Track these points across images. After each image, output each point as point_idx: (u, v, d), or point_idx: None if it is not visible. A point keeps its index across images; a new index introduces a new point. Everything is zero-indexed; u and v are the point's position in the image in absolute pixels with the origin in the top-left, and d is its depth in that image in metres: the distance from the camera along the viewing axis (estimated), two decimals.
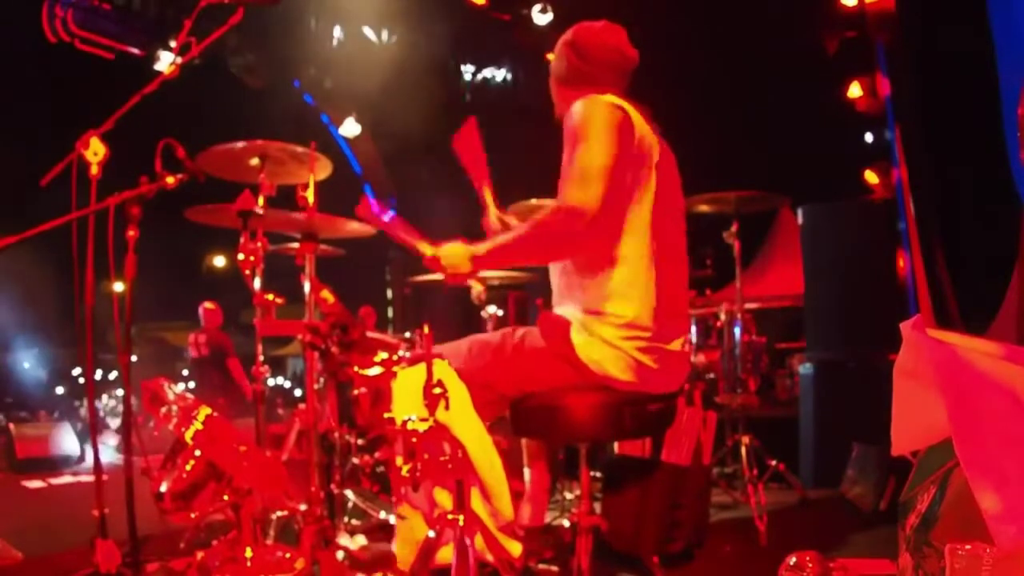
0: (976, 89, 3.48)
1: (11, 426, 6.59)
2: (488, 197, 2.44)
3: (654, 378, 1.99)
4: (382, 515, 3.09)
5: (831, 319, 4.33)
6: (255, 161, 2.79)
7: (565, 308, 2.06)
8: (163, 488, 2.23)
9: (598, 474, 3.21)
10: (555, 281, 2.16)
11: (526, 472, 2.38)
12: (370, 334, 3.17)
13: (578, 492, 2.90)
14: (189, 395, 2.45)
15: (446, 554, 1.87)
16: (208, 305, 7.51)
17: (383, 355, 2.66)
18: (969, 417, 1.25)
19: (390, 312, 10.27)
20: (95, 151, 2.38)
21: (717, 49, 6.57)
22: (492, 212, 2.43)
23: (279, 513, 2.80)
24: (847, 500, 3.52)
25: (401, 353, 2.75)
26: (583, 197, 1.88)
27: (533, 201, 3.21)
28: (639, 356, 1.95)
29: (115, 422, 10.05)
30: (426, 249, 2.15)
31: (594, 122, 1.93)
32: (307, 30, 8.12)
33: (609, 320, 1.95)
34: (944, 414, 1.28)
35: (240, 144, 2.72)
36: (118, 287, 2.32)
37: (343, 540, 2.75)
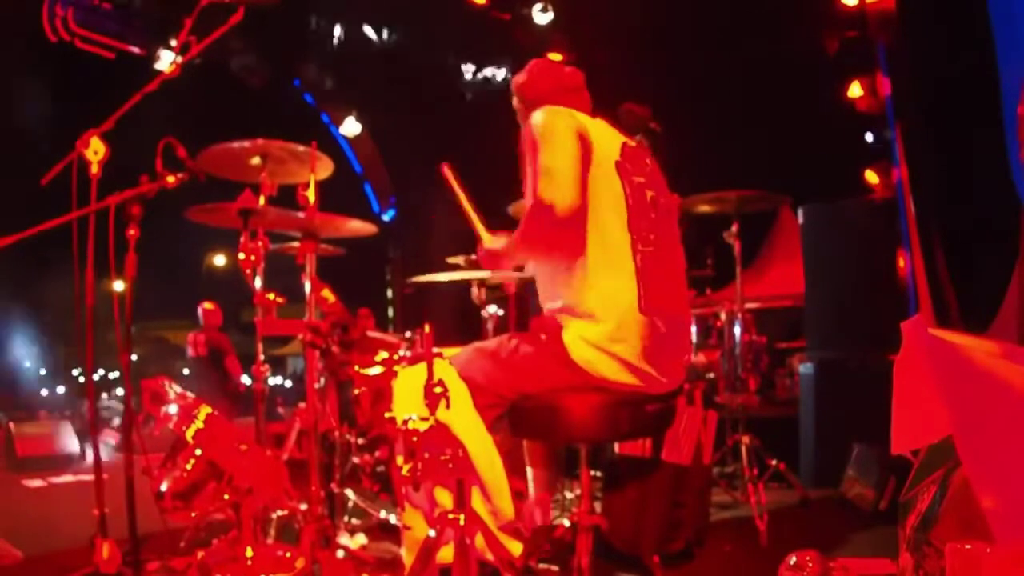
0: (976, 88, 3.48)
1: (11, 425, 6.60)
2: (479, 229, 2.43)
3: (649, 379, 1.99)
4: (382, 514, 3.09)
5: (831, 319, 4.33)
6: (256, 160, 2.79)
7: (557, 311, 2.06)
8: (163, 487, 2.23)
9: (599, 473, 3.21)
10: (540, 285, 2.17)
11: (529, 472, 2.38)
12: (371, 333, 3.17)
13: (578, 491, 2.90)
14: (189, 394, 2.45)
15: (447, 553, 1.88)
16: (207, 305, 7.50)
17: (384, 355, 2.66)
18: (970, 416, 1.25)
19: (390, 312, 10.27)
20: (95, 150, 2.38)
21: (718, 49, 6.57)
22: (485, 238, 2.40)
23: (279, 512, 2.79)
24: (847, 500, 3.52)
25: (402, 353, 2.75)
26: (552, 193, 1.93)
27: None
28: (629, 358, 1.95)
29: (116, 421, 10.05)
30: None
31: (554, 127, 2.01)
32: (307, 30, 8.13)
33: (595, 323, 1.96)
34: (944, 413, 1.28)
35: (241, 143, 2.72)
36: (118, 286, 2.32)
37: (343, 539, 2.75)
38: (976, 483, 1.21)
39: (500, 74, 8.58)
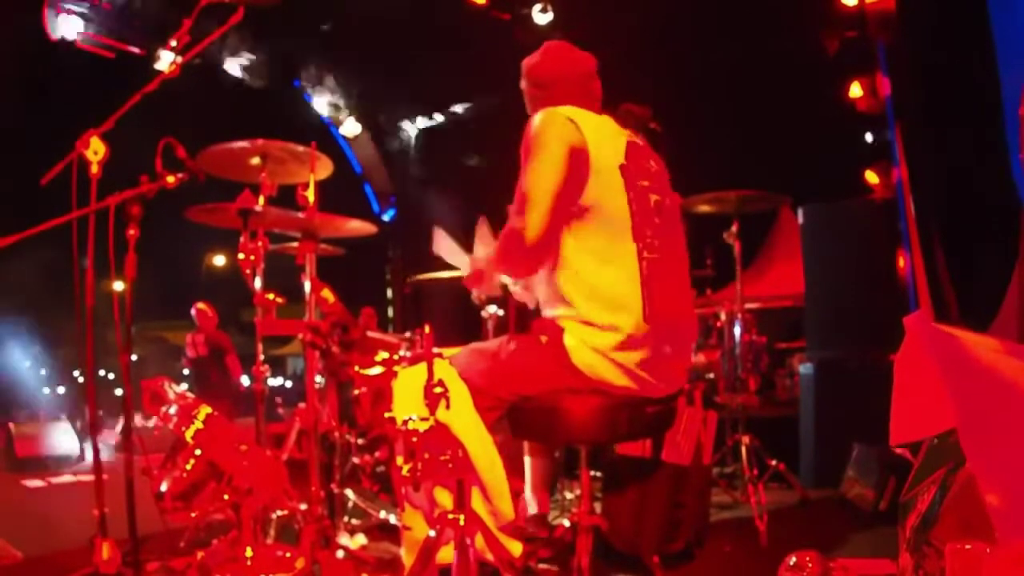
0: (977, 88, 3.48)
1: (11, 425, 6.60)
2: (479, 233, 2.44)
3: (650, 385, 1.99)
4: (382, 515, 3.09)
5: (831, 319, 4.33)
6: (256, 160, 2.79)
7: (559, 317, 2.05)
8: (163, 487, 2.23)
9: (598, 474, 3.21)
10: (541, 292, 2.15)
11: (527, 460, 2.38)
12: (371, 334, 3.17)
13: (578, 492, 2.90)
14: (189, 395, 2.45)
15: (447, 554, 1.87)
16: (200, 306, 7.45)
17: (383, 355, 2.66)
18: (975, 411, 1.25)
19: (390, 312, 10.27)
20: (95, 150, 2.38)
21: (718, 49, 6.57)
22: (463, 262, 2.42)
23: (279, 513, 2.80)
24: (847, 500, 3.52)
25: (402, 353, 2.75)
26: (523, 222, 1.95)
27: None
28: (631, 366, 1.94)
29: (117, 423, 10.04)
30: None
31: (546, 139, 1.99)
32: (307, 30, 8.12)
33: (598, 331, 1.94)
34: (944, 406, 1.28)
35: (241, 143, 2.72)
36: (118, 287, 2.32)
37: (343, 540, 2.75)
38: (981, 479, 1.20)
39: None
